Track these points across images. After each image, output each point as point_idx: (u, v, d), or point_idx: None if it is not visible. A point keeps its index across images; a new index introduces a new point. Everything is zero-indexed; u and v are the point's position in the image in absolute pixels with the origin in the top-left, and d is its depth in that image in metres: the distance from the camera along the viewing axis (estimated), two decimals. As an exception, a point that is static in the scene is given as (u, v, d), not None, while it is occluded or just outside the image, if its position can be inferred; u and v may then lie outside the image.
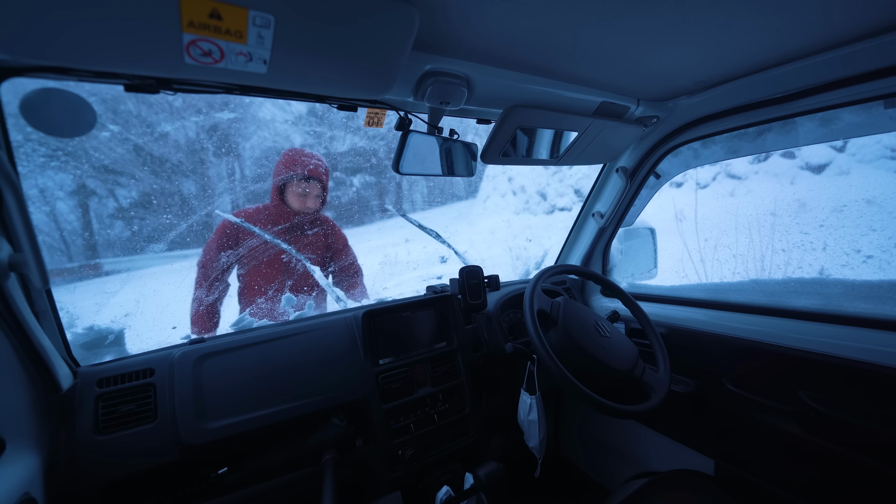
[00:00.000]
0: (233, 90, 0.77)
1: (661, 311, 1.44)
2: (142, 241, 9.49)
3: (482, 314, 1.43)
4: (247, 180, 11.87)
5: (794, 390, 1.01)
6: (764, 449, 1.11)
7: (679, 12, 0.68)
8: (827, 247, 4.70)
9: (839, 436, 0.95)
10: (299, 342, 1.15)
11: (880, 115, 0.98)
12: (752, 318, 1.17)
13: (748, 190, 6.68)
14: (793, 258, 4.74)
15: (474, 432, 1.32)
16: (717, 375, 1.20)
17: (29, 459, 0.74)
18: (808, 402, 0.97)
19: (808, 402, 0.98)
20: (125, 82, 0.70)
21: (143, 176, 10.59)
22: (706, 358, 1.24)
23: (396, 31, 0.63)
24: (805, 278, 1.40)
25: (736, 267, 5.02)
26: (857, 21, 0.75)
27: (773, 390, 1.07)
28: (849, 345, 0.94)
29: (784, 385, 1.04)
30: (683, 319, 1.34)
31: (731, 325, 1.20)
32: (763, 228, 5.48)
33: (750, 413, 1.13)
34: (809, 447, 1.00)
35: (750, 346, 1.12)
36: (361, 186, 13.25)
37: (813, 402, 0.97)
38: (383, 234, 11.24)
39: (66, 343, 0.95)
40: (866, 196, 5.33)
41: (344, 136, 12.65)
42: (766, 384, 1.08)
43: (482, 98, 0.99)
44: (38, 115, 0.64)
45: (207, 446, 0.94)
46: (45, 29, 0.47)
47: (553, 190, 9.92)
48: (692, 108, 1.22)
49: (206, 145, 11.41)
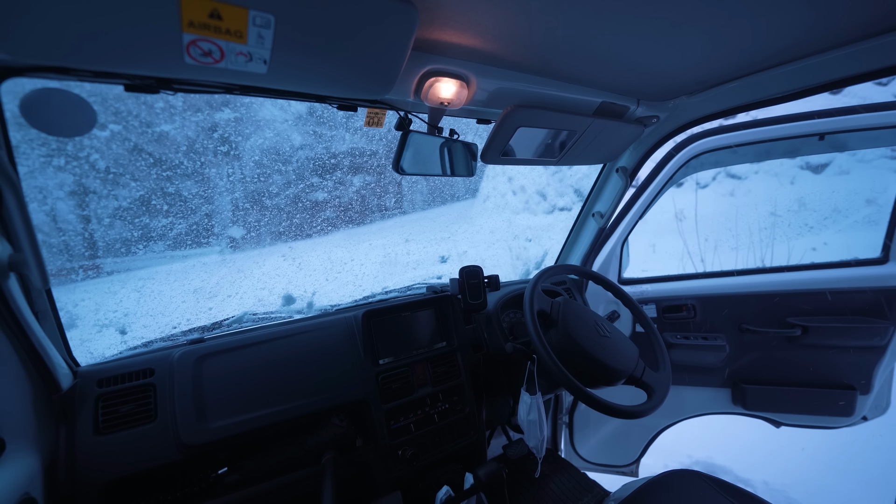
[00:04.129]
0: (233, 90, 0.77)
1: (682, 285, 1.78)
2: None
3: (482, 314, 1.43)
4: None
5: (784, 318, 1.57)
6: (768, 363, 1.64)
7: (679, 12, 0.68)
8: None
9: (816, 339, 1.54)
10: (299, 342, 1.15)
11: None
12: (747, 279, 1.66)
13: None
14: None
15: (474, 432, 1.32)
16: (735, 322, 1.68)
17: (29, 459, 0.74)
18: (795, 323, 1.54)
19: (795, 323, 1.55)
20: (125, 82, 0.70)
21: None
22: (728, 312, 1.69)
23: (396, 30, 0.63)
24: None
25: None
26: (857, 21, 0.75)
27: (770, 322, 1.56)
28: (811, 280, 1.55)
29: (777, 317, 1.59)
30: (702, 288, 1.73)
31: (737, 284, 1.67)
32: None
33: (755, 340, 1.63)
34: (798, 352, 1.58)
35: (752, 296, 1.63)
36: (362, 186, 13.25)
37: (799, 322, 1.54)
38: (384, 234, 11.25)
39: (66, 343, 0.95)
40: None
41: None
42: (766, 319, 1.59)
43: (482, 98, 0.99)
44: (38, 115, 0.64)
45: (207, 446, 0.94)
46: (45, 29, 0.47)
47: (553, 190, 9.92)
48: (692, 108, 1.22)
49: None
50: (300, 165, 12.63)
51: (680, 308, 1.74)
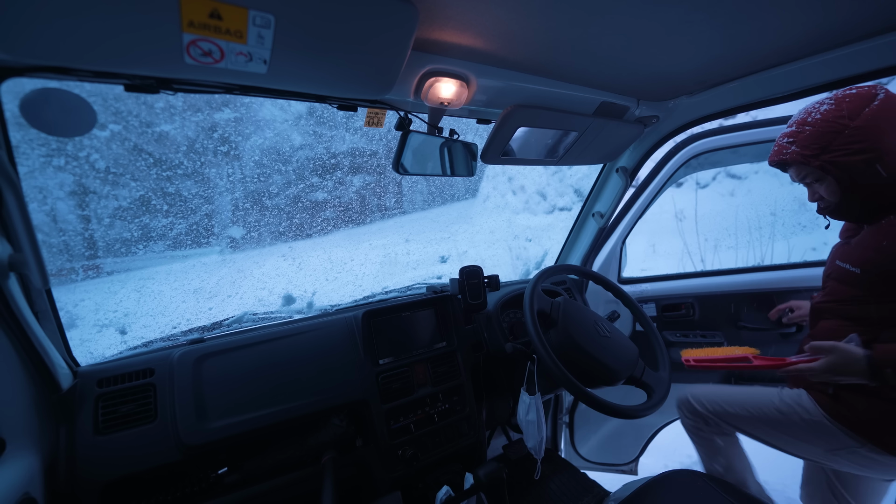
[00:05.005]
0: (233, 90, 0.77)
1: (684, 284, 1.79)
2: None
3: (482, 314, 1.43)
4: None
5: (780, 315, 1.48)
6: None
7: (679, 12, 0.68)
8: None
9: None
10: (299, 342, 1.15)
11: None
12: (745, 277, 1.67)
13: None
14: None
15: (474, 432, 1.32)
16: (733, 319, 1.69)
17: (29, 459, 0.74)
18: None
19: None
20: (125, 82, 0.70)
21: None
22: (726, 310, 1.70)
23: (396, 30, 0.63)
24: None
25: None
26: (857, 21, 0.75)
27: (768, 319, 1.46)
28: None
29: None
30: (698, 287, 1.75)
31: (735, 282, 1.68)
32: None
33: (753, 337, 1.63)
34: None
35: (749, 294, 1.64)
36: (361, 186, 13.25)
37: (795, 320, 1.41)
38: (384, 234, 11.25)
39: (66, 343, 0.95)
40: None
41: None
42: (764, 317, 1.51)
43: (482, 98, 0.99)
44: (38, 115, 0.64)
45: (207, 446, 0.94)
46: (45, 29, 0.47)
47: (553, 190, 9.92)
48: (692, 108, 1.22)
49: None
50: (300, 165, 12.63)
51: (679, 307, 1.75)
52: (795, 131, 1.00)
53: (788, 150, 1.01)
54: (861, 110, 0.89)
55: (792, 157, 1.00)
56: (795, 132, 1.00)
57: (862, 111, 0.89)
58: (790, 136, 1.01)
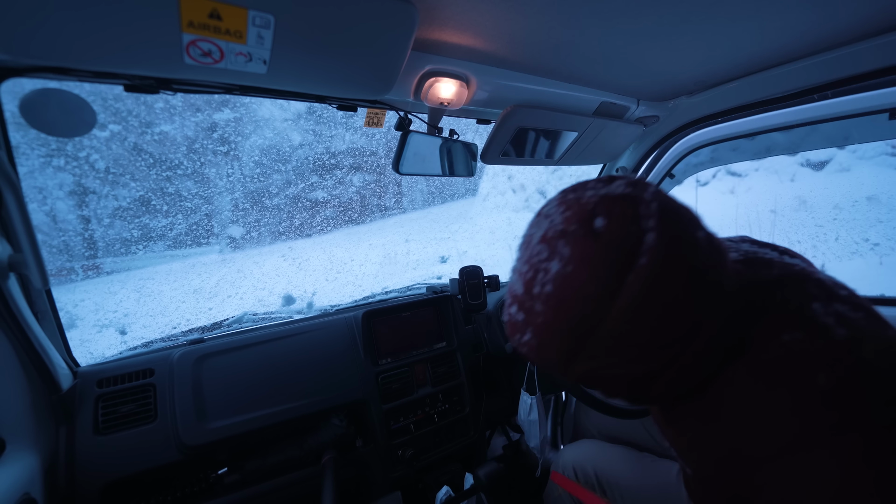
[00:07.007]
0: (232, 90, 0.77)
1: None
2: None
3: (482, 314, 1.43)
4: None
5: None
6: None
7: (679, 12, 0.68)
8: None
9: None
10: (299, 342, 1.15)
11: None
12: None
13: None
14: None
15: (474, 432, 1.32)
16: None
17: (29, 459, 0.74)
18: None
19: None
20: (125, 82, 0.70)
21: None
22: None
23: (396, 30, 0.63)
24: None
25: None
26: (857, 21, 0.75)
27: None
28: None
29: None
30: None
31: None
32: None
33: None
34: None
35: None
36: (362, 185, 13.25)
37: None
38: (383, 234, 11.25)
39: (65, 343, 0.95)
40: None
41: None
42: None
43: (482, 98, 0.99)
44: (37, 115, 0.64)
45: (207, 446, 0.94)
46: (45, 29, 0.47)
47: (553, 188, 9.92)
48: (692, 108, 1.21)
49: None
50: (300, 165, 12.63)
51: None
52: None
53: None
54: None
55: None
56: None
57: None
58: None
